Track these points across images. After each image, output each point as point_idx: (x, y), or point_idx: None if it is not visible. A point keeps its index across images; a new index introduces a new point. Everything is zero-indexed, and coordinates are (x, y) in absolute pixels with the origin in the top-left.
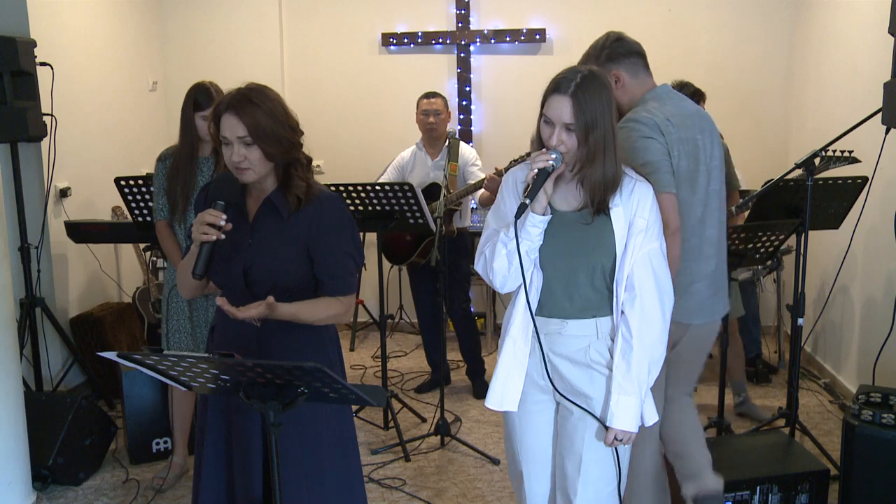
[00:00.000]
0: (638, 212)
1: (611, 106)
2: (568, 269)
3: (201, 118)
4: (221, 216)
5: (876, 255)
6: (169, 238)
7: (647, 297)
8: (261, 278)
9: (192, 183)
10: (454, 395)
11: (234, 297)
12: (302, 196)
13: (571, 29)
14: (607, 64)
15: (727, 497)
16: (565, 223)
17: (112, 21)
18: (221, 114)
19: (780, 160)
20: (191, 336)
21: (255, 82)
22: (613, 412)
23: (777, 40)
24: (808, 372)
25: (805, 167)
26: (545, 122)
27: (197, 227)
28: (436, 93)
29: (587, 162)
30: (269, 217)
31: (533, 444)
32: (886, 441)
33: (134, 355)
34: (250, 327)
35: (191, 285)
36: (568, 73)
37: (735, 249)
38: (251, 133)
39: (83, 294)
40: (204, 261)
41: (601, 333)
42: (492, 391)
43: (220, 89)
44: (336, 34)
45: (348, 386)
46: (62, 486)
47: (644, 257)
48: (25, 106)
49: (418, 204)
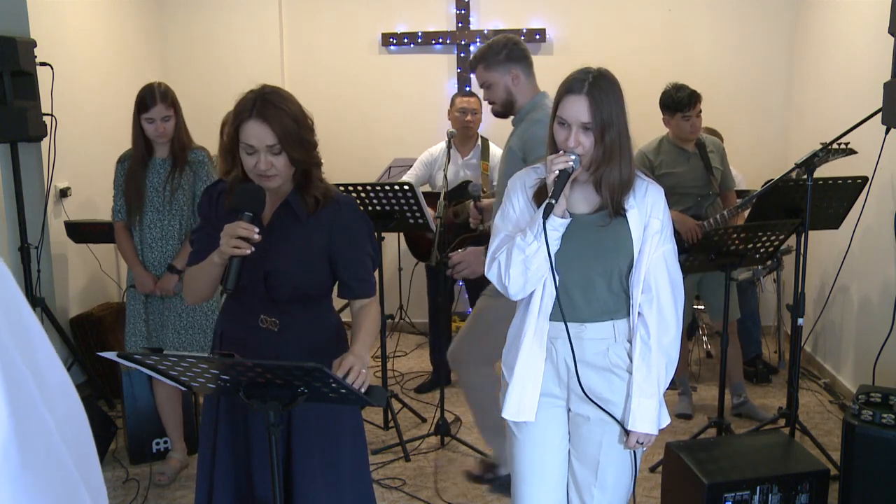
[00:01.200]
0: (653, 213)
1: (623, 105)
2: (585, 272)
3: (147, 120)
4: (254, 230)
5: (876, 255)
6: (125, 240)
7: (664, 298)
8: (280, 283)
9: (143, 186)
10: (454, 394)
11: (251, 301)
12: (320, 198)
13: (571, 29)
14: (507, 63)
15: (727, 497)
16: (582, 226)
17: (112, 21)
18: (244, 121)
19: (780, 160)
20: (146, 339)
21: (266, 84)
22: (635, 415)
23: (777, 40)
24: (808, 372)
25: (805, 167)
26: (560, 125)
27: (227, 241)
28: (472, 91)
29: (604, 162)
30: (286, 220)
31: (540, 458)
32: (886, 441)
33: (134, 355)
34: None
35: (200, 293)
36: (580, 74)
37: (735, 249)
38: (281, 140)
39: (83, 294)
40: (235, 274)
41: (619, 336)
42: (509, 401)
43: (166, 90)
44: (336, 34)
45: (348, 386)
46: None
47: (660, 258)
48: (25, 106)
49: (418, 204)
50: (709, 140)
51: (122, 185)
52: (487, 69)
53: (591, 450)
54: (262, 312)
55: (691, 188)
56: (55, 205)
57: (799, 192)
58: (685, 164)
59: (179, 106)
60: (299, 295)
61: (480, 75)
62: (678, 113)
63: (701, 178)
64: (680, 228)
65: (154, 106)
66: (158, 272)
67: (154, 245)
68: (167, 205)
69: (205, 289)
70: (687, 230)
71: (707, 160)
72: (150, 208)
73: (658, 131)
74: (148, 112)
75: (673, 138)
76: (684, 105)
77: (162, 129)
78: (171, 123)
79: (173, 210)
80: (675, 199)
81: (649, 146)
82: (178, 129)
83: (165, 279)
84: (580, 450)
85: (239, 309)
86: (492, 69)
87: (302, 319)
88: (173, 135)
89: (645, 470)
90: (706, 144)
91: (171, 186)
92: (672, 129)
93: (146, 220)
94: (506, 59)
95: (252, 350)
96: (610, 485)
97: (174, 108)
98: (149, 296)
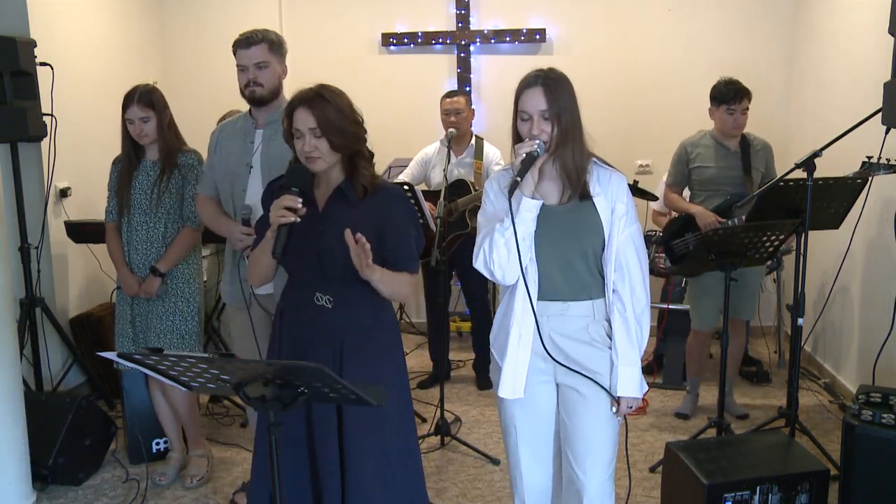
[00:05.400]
0: (617, 198)
1: (574, 96)
2: (563, 255)
3: (127, 120)
4: (298, 200)
5: (876, 255)
6: (114, 241)
7: (634, 274)
8: (333, 261)
9: (131, 187)
10: (454, 394)
11: (307, 281)
12: (368, 185)
13: (571, 29)
14: (280, 55)
15: (727, 497)
16: (556, 215)
17: (112, 21)
18: (295, 108)
19: (780, 160)
20: (132, 341)
21: (324, 83)
22: (621, 381)
23: (777, 40)
24: (808, 372)
25: (805, 167)
26: (522, 121)
27: (275, 212)
28: (457, 91)
29: (561, 143)
30: (339, 205)
31: (533, 431)
32: (886, 441)
33: (134, 355)
34: (323, 312)
35: (263, 273)
36: (532, 72)
37: (735, 249)
38: (320, 125)
39: (83, 294)
40: (283, 242)
41: (597, 314)
42: (504, 381)
43: (148, 91)
44: (336, 34)
45: (349, 386)
46: (62, 486)
47: (627, 238)
48: (25, 106)
49: (419, 203)
50: (757, 140)
51: (114, 187)
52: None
53: (577, 419)
54: (317, 290)
55: (725, 185)
56: (55, 205)
57: (799, 192)
58: (722, 161)
59: (164, 108)
60: (351, 273)
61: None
62: (723, 105)
63: (737, 176)
64: (700, 223)
65: (130, 106)
66: (143, 274)
67: (140, 247)
68: (154, 208)
69: (265, 269)
70: (706, 224)
71: (748, 160)
72: (138, 210)
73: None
74: (125, 112)
75: (717, 132)
76: (729, 98)
77: (139, 130)
78: (150, 125)
79: (159, 213)
80: (708, 194)
81: (691, 139)
82: (164, 132)
83: (149, 281)
84: (569, 419)
85: (297, 287)
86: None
87: (354, 298)
88: (158, 137)
89: (645, 470)
90: (752, 144)
91: (159, 190)
92: (716, 121)
93: (133, 221)
94: (285, 53)
95: (308, 325)
96: (599, 451)
97: (152, 110)
98: (135, 298)
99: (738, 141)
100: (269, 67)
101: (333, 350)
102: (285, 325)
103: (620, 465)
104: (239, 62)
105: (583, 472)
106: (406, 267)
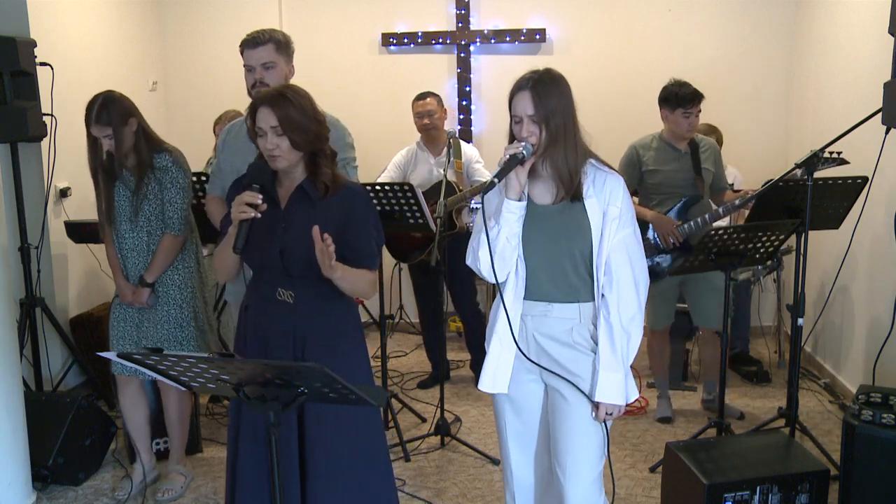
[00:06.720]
0: (611, 201)
1: (570, 98)
2: (550, 257)
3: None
4: (258, 196)
5: (876, 254)
6: (110, 247)
7: (624, 279)
8: (295, 259)
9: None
10: (454, 394)
11: (270, 277)
12: (329, 184)
13: (571, 29)
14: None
15: (727, 497)
16: (545, 216)
17: (112, 21)
18: (258, 107)
19: (780, 160)
20: (135, 345)
21: (290, 84)
22: (602, 387)
23: (777, 40)
24: (808, 372)
25: (805, 167)
26: (515, 123)
27: (236, 208)
28: (428, 93)
29: (550, 146)
30: (300, 204)
31: (521, 427)
32: (886, 441)
33: (134, 355)
34: (286, 307)
35: (228, 268)
36: (526, 74)
37: (735, 249)
38: (281, 124)
39: (83, 294)
40: (243, 238)
41: (584, 318)
42: (484, 375)
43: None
44: (336, 34)
45: (349, 386)
46: (62, 486)
47: (619, 243)
48: (25, 106)
49: (418, 204)
50: (703, 140)
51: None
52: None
53: (561, 422)
54: (279, 286)
55: (678, 188)
56: (55, 205)
57: (799, 192)
58: (674, 163)
59: (127, 116)
60: (312, 270)
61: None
62: (679, 108)
63: (688, 178)
64: (657, 230)
65: (90, 126)
66: (135, 282)
67: (128, 256)
68: (135, 217)
69: (229, 263)
70: (664, 233)
71: (697, 161)
72: (123, 218)
73: (655, 129)
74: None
75: (667, 135)
76: (687, 101)
77: (108, 146)
78: (111, 142)
79: (140, 221)
80: (661, 198)
81: (641, 141)
82: (135, 141)
83: (138, 292)
84: (554, 421)
85: (261, 284)
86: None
87: (315, 294)
88: (126, 149)
89: (645, 470)
90: (699, 144)
91: (137, 198)
92: (669, 124)
93: (120, 230)
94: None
95: (270, 320)
96: (581, 455)
97: (111, 127)
98: (129, 305)
99: (687, 142)
100: (275, 68)
101: (295, 345)
102: (250, 319)
103: (620, 466)
104: (246, 62)
105: (563, 474)
106: (366, 264)
